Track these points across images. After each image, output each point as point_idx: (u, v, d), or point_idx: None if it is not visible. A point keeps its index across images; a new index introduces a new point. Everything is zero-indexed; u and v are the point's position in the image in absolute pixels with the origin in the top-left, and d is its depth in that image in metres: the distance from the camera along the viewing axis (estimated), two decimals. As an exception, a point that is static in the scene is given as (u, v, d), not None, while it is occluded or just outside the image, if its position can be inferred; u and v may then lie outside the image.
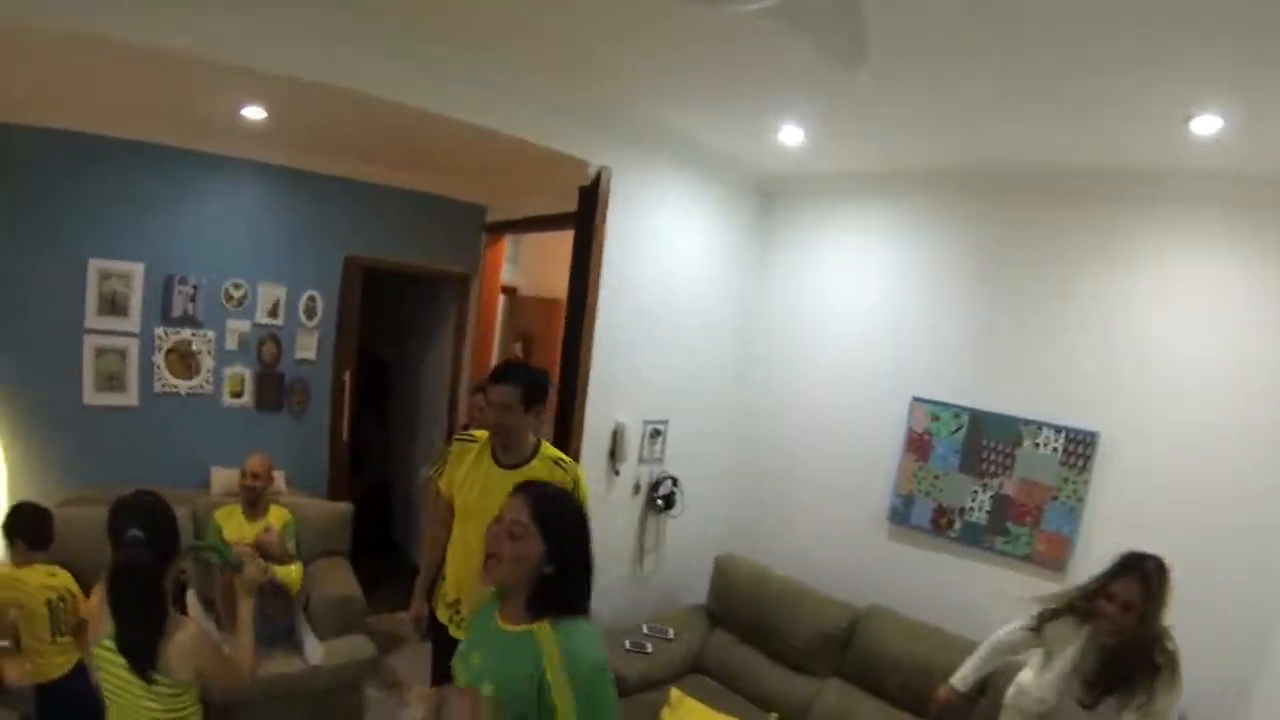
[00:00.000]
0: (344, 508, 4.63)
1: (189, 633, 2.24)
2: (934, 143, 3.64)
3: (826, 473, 4.40)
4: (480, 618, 2.12)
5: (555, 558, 1.90)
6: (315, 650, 3.75)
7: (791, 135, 3.79)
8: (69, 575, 3.26)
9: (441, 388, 6.05)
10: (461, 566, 2.97)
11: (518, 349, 6.17)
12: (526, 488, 2.04)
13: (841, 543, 4.29)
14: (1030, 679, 2.90)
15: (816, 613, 3.86)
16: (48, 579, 3.15)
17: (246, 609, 2.51)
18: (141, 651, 2.16)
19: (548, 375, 3.14)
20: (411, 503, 6.70)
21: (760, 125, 3.76)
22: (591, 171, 3.89)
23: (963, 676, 3.06)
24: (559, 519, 1.97)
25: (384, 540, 6.54)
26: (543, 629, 1.90)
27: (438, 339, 6.28)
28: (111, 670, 2.21)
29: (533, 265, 6.24)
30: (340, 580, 4.21)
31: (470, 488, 3.01)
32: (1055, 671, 2.79)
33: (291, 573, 3.74)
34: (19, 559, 3.15)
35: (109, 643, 2.19)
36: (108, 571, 2.23)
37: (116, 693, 2.23)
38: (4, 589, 3.04)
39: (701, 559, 4.52)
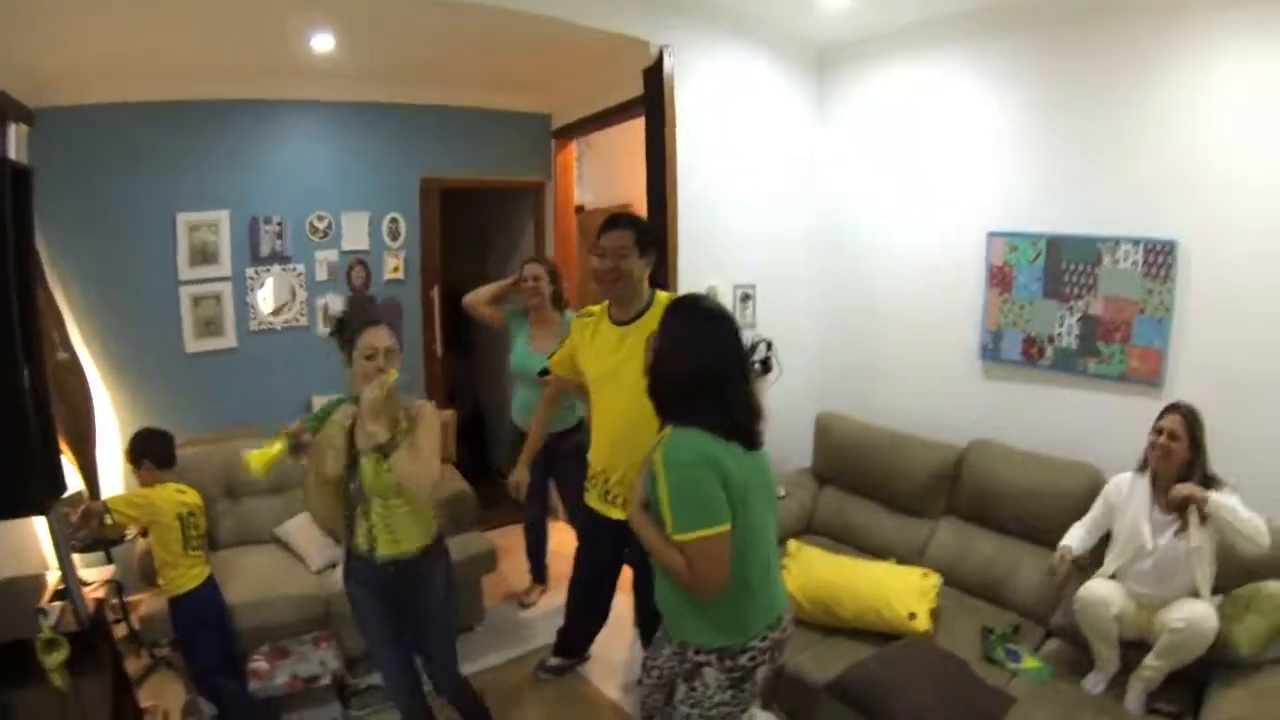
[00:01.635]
0: (446, 415, 4.79)
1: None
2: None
3: (914, 321, 4.46)
4: None
5: (663, 360, 2.12)
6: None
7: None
8: (196, 492, 3.47)
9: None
10: (604, 435, 3.05)
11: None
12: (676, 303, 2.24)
13: (937, 388, 4.36)
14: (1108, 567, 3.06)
15: (921, 455, 3.94)
16: (178, 495, 3.34)
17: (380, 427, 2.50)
18: None
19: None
20: (509, 425, 6.80)
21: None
22: (654, 51, 3.94)
23: (1078, 538, 3.18)
24: (674, 322, 2.16)
25: (482, 469, 6.69)
26: (663, 433, 2.12)
27: (520, 252, 6.31)
28: None
29: (598, 177, 6.32)
30: (450, 482, 4.37)
31: (597, 357, 3.05)
32: (1129, 518, 2.99)
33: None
34: (149, 478, 3.34)
35: None
36: None
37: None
38: (139, 507, 3.21)
39: (801, 422, 4.60)
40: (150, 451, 3.36)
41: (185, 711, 3.56)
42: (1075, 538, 3.17)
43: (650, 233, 2.98)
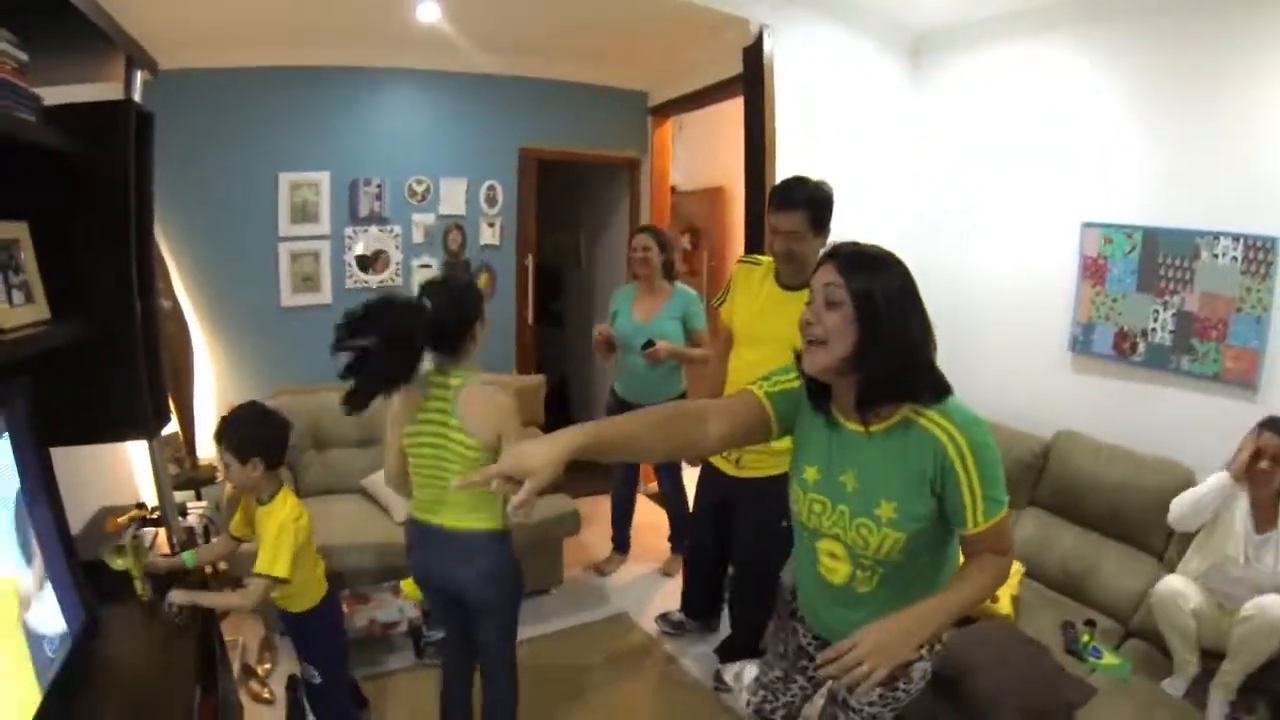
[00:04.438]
0: (537, 380, 4.92)
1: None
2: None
3: (1004, 309, 4.38)
4: (810, 437, 1.86)
5: (891, 328, 1.63)
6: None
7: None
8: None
9: (616, 282, 6.08)
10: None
11: (685, 241, 6.34)
12: (835, 252, 1.73)
13: (1024, 378, 4.27)
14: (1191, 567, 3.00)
15: (1007, 444, 3.83)
16: (300, 517, 2.65)
17: None
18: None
19: (828, 185, 2.91)
20: (591, 400, 6.95)
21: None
22: (753, 29, 3.95)
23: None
24: (883, 276, 1.68)
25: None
26: (926, 412, 1.68)
27: (609, 232, 6.44)
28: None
29: (690, 158, 6.34)
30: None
31: (747, 311, 2.99)
32: (1226, 527, 2.91)
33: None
34: (249, 479, 2.57)
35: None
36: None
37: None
38: (292, 547, 2.56)
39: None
40: (267, 445, 2.58)
41: (263, 647, 3.72)
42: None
43: (824, 204, 2.84)
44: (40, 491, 2.01)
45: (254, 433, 2.55)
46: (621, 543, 4.75)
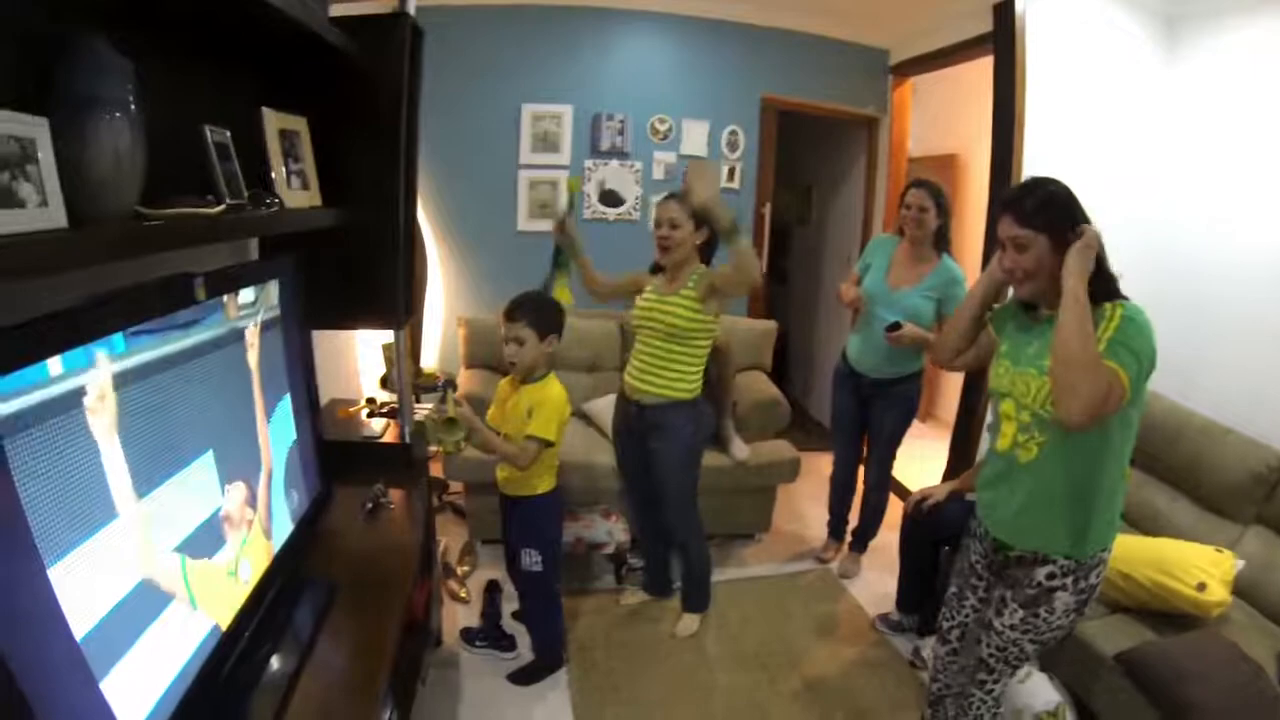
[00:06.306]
0: (768, 325, 4.83)
1: None
2: None
3: (1252, 307, 3.76)
4: (1007, 333, 2.18)
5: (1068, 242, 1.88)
6: (741, 449, 3.99)
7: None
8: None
9: (850, 242, 5.99)
10: None
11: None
12: (1008, 204, 1.99)
13: (1268, 382, 3.78)
14: None
15: (1241, 452, 3.34)
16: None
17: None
18: None
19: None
20: (811, 360, 6.87)
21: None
22: (1004, -15, 3.65)
23: None
24: (1053, 210, 1.93)
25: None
26: (1104, 305, 1.89)
27: (843, 191, 6.22)
28: None
29: (922, 124, 6.03)
30: (764, 389, 4.40)
31: None
32: None
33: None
34: (542, 355, 2.75)
35: None
36: None
37: None
38: (561, 423, 2.77)
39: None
40: (559, 326, 2.79)
41: (464, 551, 3.93)
42: None
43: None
44: (300, 368, 2.19)
45: (551, 313, 2.77)
46: (838, 529, 4.29)
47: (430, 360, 5.04)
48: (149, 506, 1.33)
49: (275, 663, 1.72)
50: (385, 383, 4.04)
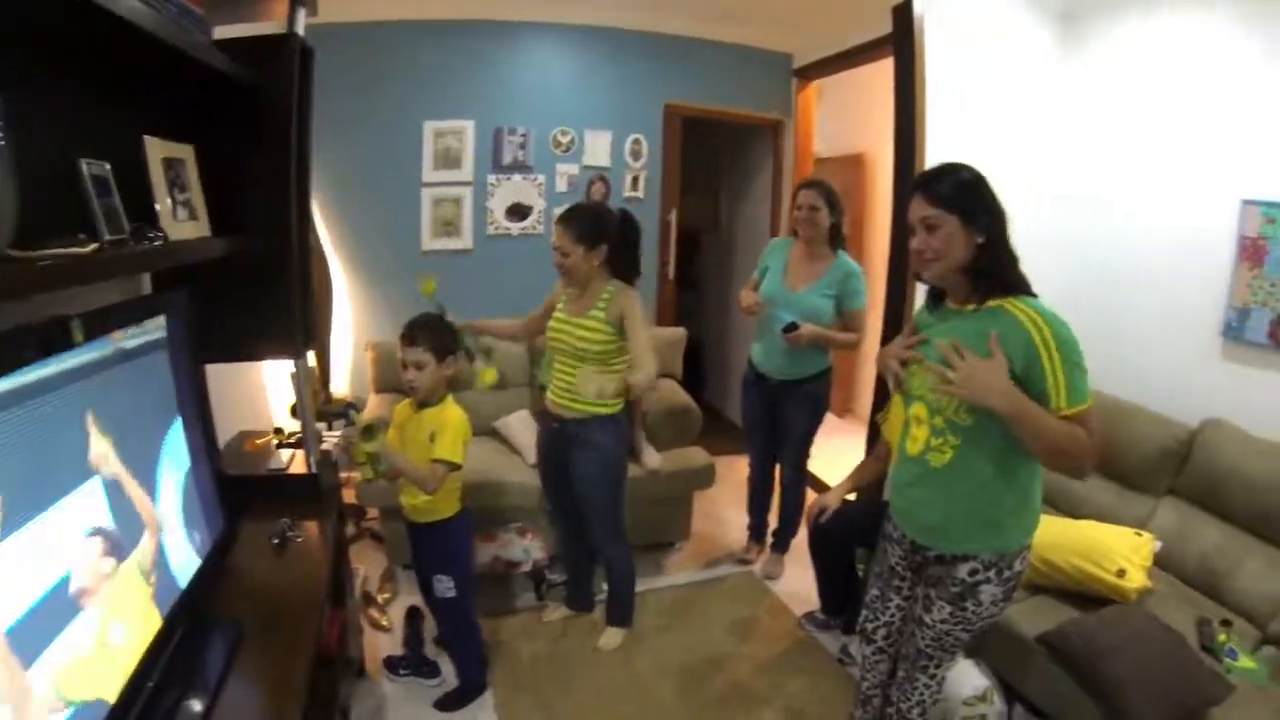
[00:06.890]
0: (677, 332, 4.88)
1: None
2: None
3: (1152, 290, 3.97)
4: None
5: (983, 230, 1.91)
6: (653, 457, 4.01)
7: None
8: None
9: (759, 246, 5.97)
10: None
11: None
12: (920, 185, 1.99)
13: (1170, 362, 3.87)
14: None
15: (1150, 429, 3.55)
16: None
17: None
18: None
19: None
20: (726, 364, 6.89)
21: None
22: (901, -14, 3.73)
23: None
24: (963, 191, 1.94)
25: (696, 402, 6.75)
26: (1016, 303, 1.89)
27: (751, 195, 6.30)
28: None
29: (830, 125, 6.15)
30: (675, 397, 4.42)
31: None
32: None
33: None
34: (441, 378, 2.78)
35: None
36: None
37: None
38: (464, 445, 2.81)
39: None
40: (455, 349, 2.84)
41: (384, 578, 3.84)
42: None
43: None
44: (193, 403, 2.12)
45: (448, 337, 2.79)
46: (759, 531, 4.36)
47: (341, 386, 4.92)
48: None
49: (181, 715, 1.65)
50: (295, 411, 3.94)
